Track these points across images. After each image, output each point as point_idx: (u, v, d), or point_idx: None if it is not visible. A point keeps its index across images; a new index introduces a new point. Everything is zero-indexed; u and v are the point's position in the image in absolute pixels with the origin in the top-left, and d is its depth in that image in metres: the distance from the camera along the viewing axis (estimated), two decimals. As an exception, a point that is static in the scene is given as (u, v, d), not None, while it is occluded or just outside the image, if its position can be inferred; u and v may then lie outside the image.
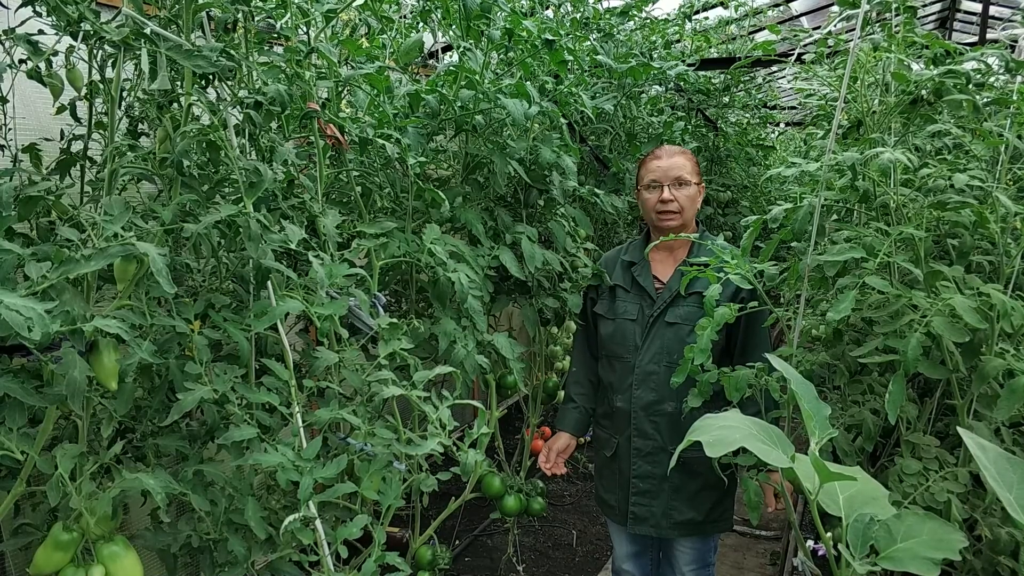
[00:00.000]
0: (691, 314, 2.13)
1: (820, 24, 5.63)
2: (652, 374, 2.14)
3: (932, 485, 1.49)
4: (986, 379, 1.43)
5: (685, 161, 2.15)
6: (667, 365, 2.12)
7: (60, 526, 1.25)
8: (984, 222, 1.53)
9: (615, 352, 2.22)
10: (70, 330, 1.02)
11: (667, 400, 2.12)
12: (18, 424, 1.13)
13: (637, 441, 2.17)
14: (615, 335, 2.22)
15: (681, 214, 2.14)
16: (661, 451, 2.15)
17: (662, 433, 2.15)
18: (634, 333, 2.18)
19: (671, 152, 2.17)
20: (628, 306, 2.22)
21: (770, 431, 0.98)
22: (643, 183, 2.19)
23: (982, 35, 4.57)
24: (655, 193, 2.14)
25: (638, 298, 2.21)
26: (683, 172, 2.12)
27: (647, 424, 2.16)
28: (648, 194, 2.17)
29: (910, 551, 0.89)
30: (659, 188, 2.13)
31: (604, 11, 2.90)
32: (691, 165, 2.16)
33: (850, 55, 1.65)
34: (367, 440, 1.48)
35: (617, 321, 2.22)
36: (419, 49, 2.09)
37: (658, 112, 3.68)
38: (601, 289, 2.32)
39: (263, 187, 1.31)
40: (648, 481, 2.18)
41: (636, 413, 2.17)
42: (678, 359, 2.02)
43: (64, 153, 1.57)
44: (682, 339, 2.10)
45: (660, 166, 2.14)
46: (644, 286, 2.19)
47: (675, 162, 2.14)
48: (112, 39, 1.14)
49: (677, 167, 2.13)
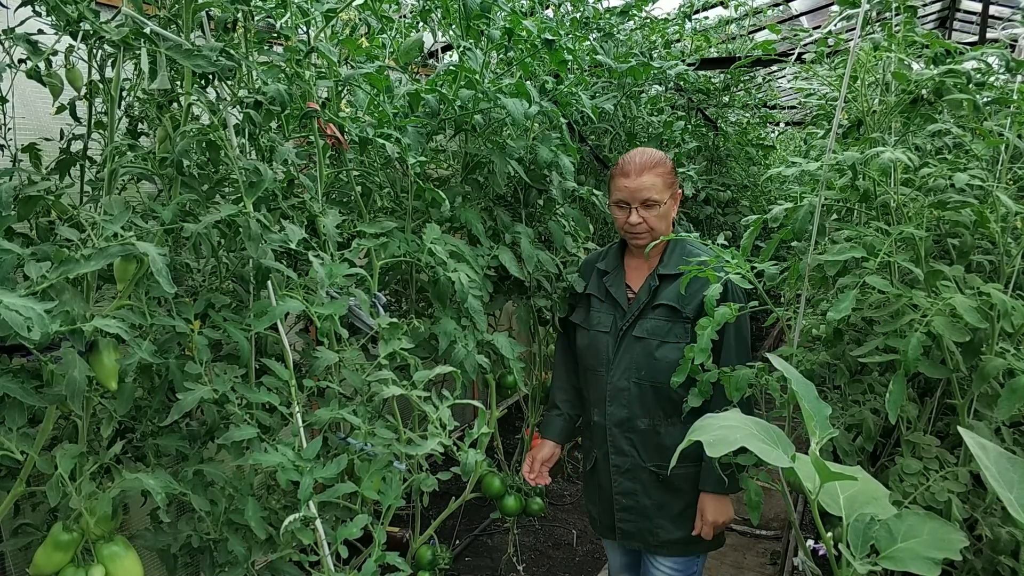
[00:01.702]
0: (658, 328, 2.00)
1: (820, 24, 5.63)
2: (623, 390, 2.04)
3: (932, 485, 1.49)
4: (987, 379, 1.43)
5: (654, 179, 1.97)
6: (636, 382, 2.01)
7: (60, 526, 1.25)
8: (984, 221, 1.53)
9: (590, 365, 2.13)
10: (70, 330, 1.02)
11: (640, 417, 2.03)
12: (18, 424, 1.13)
13: (615, 458, 2.09)
14: (590, 347, 2.12)
15: (651, 233, 2.00)
16: (639, 468, 2.06)
17: (638, 449, 2.06)
18: (607, 346, 2.07)
19: (640, 168, 1.98)
20: (602, 317, 2.11)
21: (770, 431, 0.98)
22: (612, 198, 2.06)
23: (982, 34, 4.57)
24: (624, 213, 2.02)
25: (611, 309, 2.10)
26: (651, 193, 1.96)
27: (623, 441, 2.07)
28: (617, 212, 2.05)
29: (911, 551, 0.89)
30: (627, 209, 2.00)
31: (604, 11, 2.90)
32: (661, 181, 1.98)
33: (850, 55, 1.65)
34: (367, 440, 1.48)
35: (591, 333, 2.12)
36: (419, 49, 2.08)
37: (658, 112, 3.68)
38: (579, 296, 2.22)
39: (263, 187, 1.30)
40: (630, 498, 2.10)
41: (611, 430, 2.08)
42: (647, 376, 1.99)
43: (64, 153, 1.56)
44: (650, 354, 1.99)
45: (628, 186, 1.98)
46: (616, 297, 2.09)
47: (643, 182, 1.96)
48: (112, 39, 1.14)
49: (645, 188, 1.96)
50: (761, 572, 3.31)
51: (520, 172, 2.12)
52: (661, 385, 1.97)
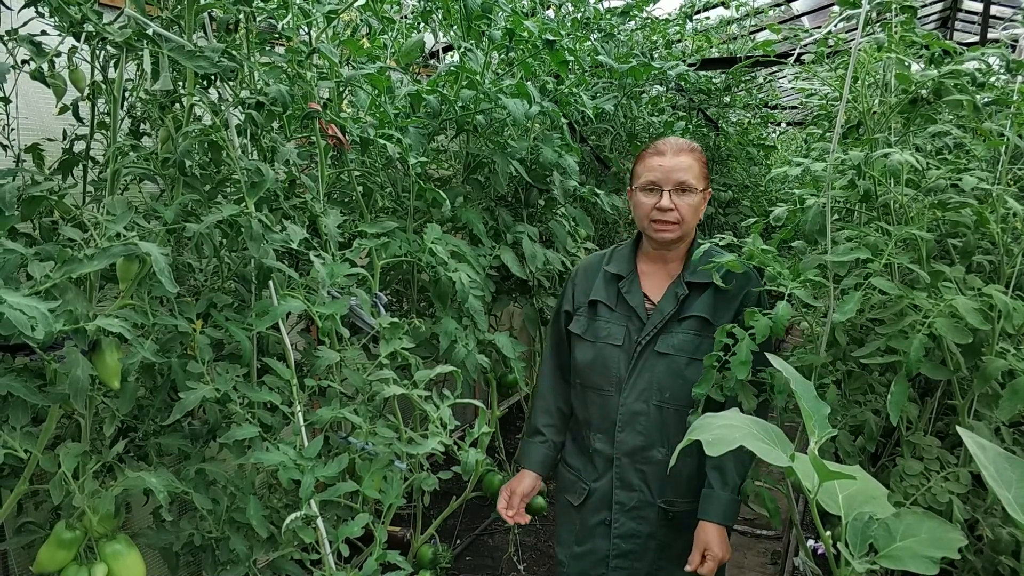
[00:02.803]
0: (687, 343, 1.74)
1: (821, 24, 5.62)
2: (640, 414, 1.76)
3: (934, 485, 1.49)
4: (988, 379, 1.43)
5: (693, 162, 1.74)
6: (657, 404, 1.75)
7: (63, 524, 1.25)
8: (984, 222, 1.53)
9: (595, 383, 1.82)
10: (73, 329, 1.02)
11: (657, 445, 1.76)
12: (21, 423, 1.14)
13: (620, 494, 1.79)
14: (595, 363, 1.82)
15: (680, 225, 1.74)
16: (648, 506, 1.79)
17: (649, 484, 1.78)
18: (618, 363, 1.79)
19: (677, 148, 1.75)
20: (613, 328, 1.81)
21: (770, 430, 0.98)
22: (639, 182, 1.78)
23: (983, 35, 4.56)
24: (652, 198, 1.74)
25: (624, 320, 1.81)
26: (689, 176, 1.72)
27: (632, 474, 1.78)
28: (644, 197, 1.76)
29: (909, 550, 0.89)
30: (658, 192, 1.73)
31: (605, 11, 2.90)
32: (699, 167, 1.76)
33: (852, 55, 1.65)
34: (368, 439, 1.49)
35: (598, 346, 1.81)
36: (420, 49, 2.09)
37: (659, 112, 3.68)
38: (578, 302, 1.89)
39: (265, 187, 1.31)
40: (632, 541, 1.80)
41: (620, 460, 1.79)
42: (672, 398, 1.74)
43: (67, 153, 1.57)
44: (677, 373, 1.74)
45: (662, 165, 1.72)
46: (633, 306, 1.80)
47: (680, 162, 1.72)
48: (115, 40, 1.15)
49: (682, 168, 1.72)
50: (762, 572, 3.32)
51: (522, 172, 2.13)
52: (686, 409, 1.73)
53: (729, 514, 1.70)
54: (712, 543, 1.68)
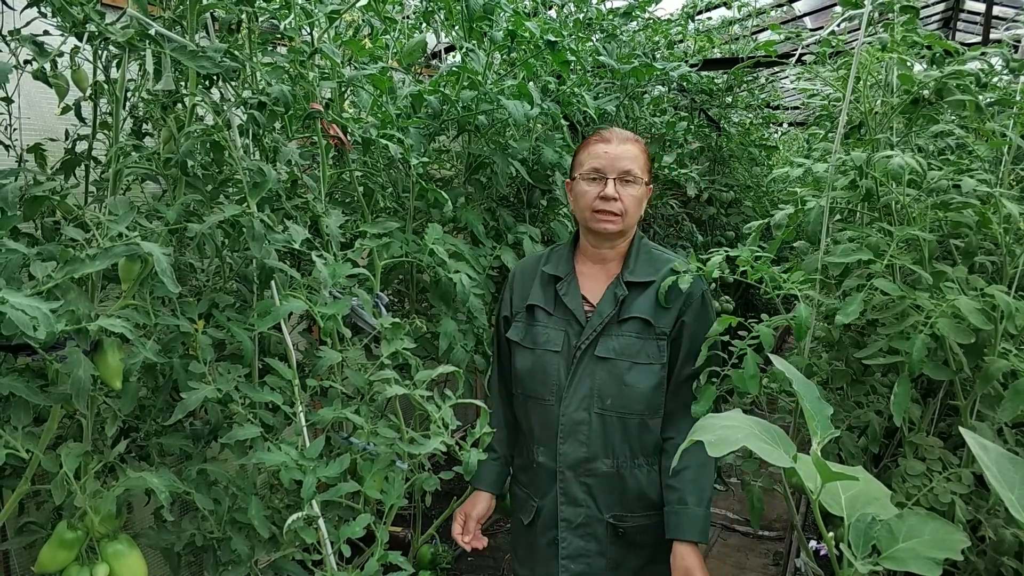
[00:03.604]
0: (628, 347, 1.65)
1: (823, 24, 5.61)
2: (581, 424, 1.66)
3: (936, 486, 1.49)
4: (990, 380, 1.43)
5: (638, 152, 1.67)
6: (599, 413, 1.65)
7: (64, 524, 1.25)
8: (987, 223, 1.53)
9: (535, 392, 1.72)
10: (75, 329, 1.02)
11: (601, 456, 1.66)
12: (23, 423, 1.14)
13: (565, 510, 1.69)
14: (534, 371, 1.72)
15: (623, 217, 1.66)
16: (596, 521, 1.68)
17: (596, 498, 1.68)
18: (558, 369, 1.69)
19: (623, 136, 1.68)
20: (551, 333, 1.71)
21: (772, 431, 0.98)
22: (582, 170, 1.68)
23: (986, 35, 4.56)
24: (596, 186, 1.65)
25: (563, 324, 1.71)
26: (634, 166, 1.64)
27: (577, 488, 1.68)
28: (587, 186, 1.66)
29: (912, 551, 0.89)
30: (602, 181, 1.64)
31: (607, 12, 2.90)
32: (644, 158, 1.68)
33: (855, 56, 1.65)
34: (370, 439, 1.48)
35: (537, 352, 1.72)
36: (422, 50, 2.09)
37: (661, 112, 3.68)
38: (516, 307, 1.80)
39: (267, 187, 1.31)
40: (581, 561, 1.69)
41: (563, 473, 1.69)
42: (614, 405, 1.65)
43: (69, 153, 1.57)
44: (618, 378, 1.64)
45: (608, 152, 1.64)
46: (571, 309, 1.70)
47: (627, 150, 1.64)
48: (117, 40, 1.15)
49: (628, 157, 1.64)
50: (764, 573, 3.31)
51: (523, 173, 2.13)
52: (630, 417, 1.65)
53: (706, 531, 1.61)
54: (694, 568, 1.56)
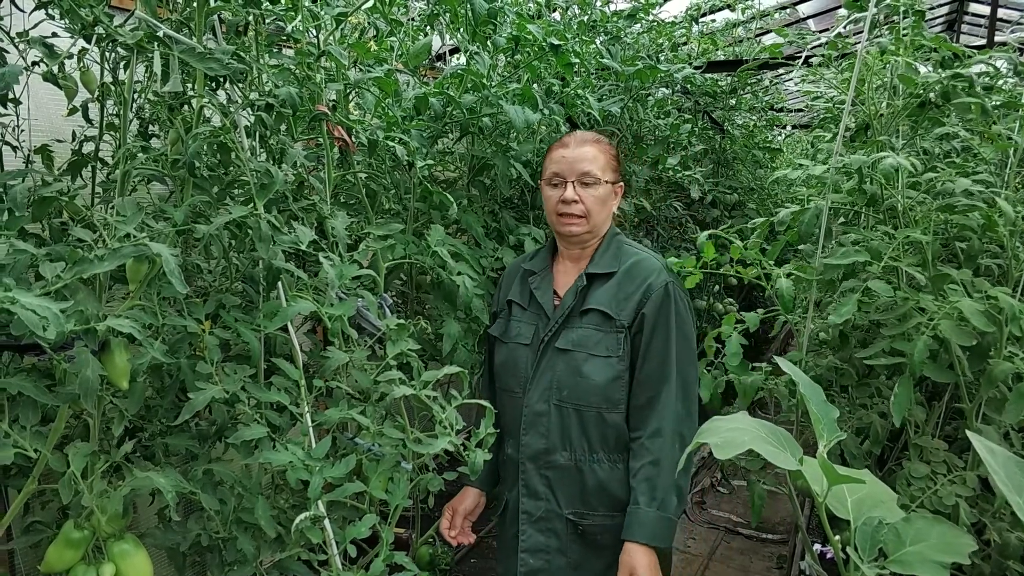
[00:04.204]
0: (586, 339, 1.65)
1: (827, 27, 5.62)
2: (542, 415, 1.67)
3: (940, 489, 1.49)
4: (994, 383, 1.43)
5: (597, 152, 1.69)
6: (557, 404, 1.66)
7: (71, 524, 1.26)
8: (992, 225, 1.53)
9: (506, 385, 1.77)
10: (84, 329, 1.03)
11: (559, 449, 1.66)
12: (31, 422, 1.14)
13: (526, 502, 1.69)
14: (507, 364, 1.76)
15: (587, 218, 1.69)
16: (555, 516, 1.67)
17: (555, 491, 1.67)
18: (526, 362, 1.72)
19: (581, 139, 1.71)
20: (523, 327, 1.75)
21: (778, 433, 0.98)
22: (545, 176, 1.74)
23: (990, 38, 4.55)
24: (557, 191, 1.70)
25: (535, 317, 1.74)
26: (593, 167, 1.67)
27: (537, 480, 1.68)
28: (549, 191, 1.72)
29: (919, 555, 0.89)
30: (562, 185, 1.69)
31: (611, 14, 2.90)
32: (605, 158, 1.70)
33: (858, 58, 1.65)
34: (376, 440, 1.49)
35: (510, 346, 1.76)
36: (427, 52, 2.10)
37: (664, 114, 3.68)
38: (500, 304, 1.86)
39: (274, 189, 1.31)
40: (540, 557, 1.67)
41: (524, 465, 1.70)
42: (570, 397, 1.65)
43: (76, 154, 1.58)
44: (575, 370, 1.65)
45: (565, 156, 1.69)
46: (542, 303, 1.73)
47: (584, 152, 1.68)
48: (126, 42, 1.15)
49: (586, 159, 1.67)
50: (767, 576, 3.31)
51: (525, 175, 2.13)
52: (586, 409, 1.65)
53: (659, 534, 1.53)
54: (638, 567, 1.52)
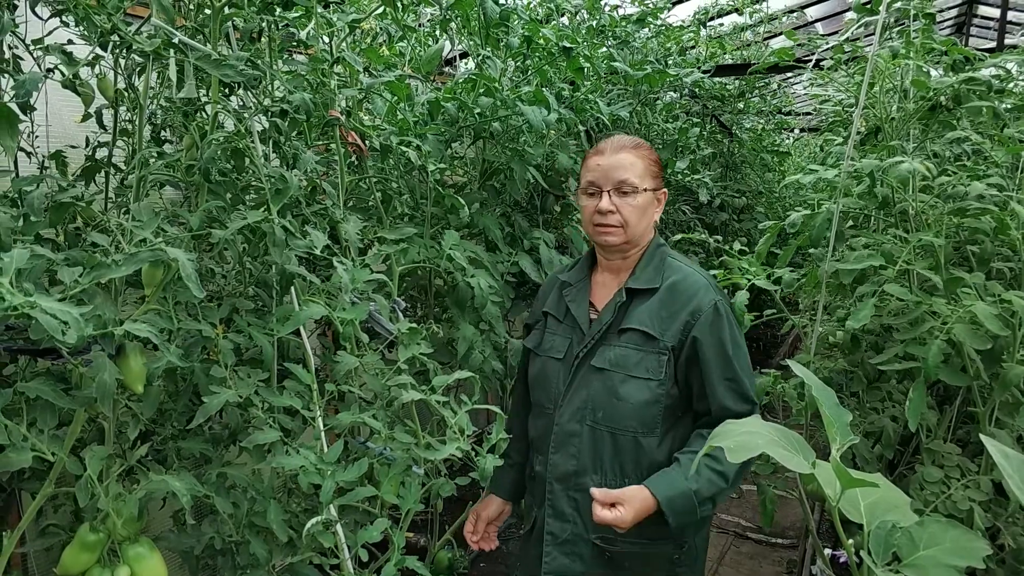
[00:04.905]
0: (624, 358, 1.54)
1: (835, 30, 5.61)
2: (573, 436, 1.58)
3: (954, 493, 1.48)
4: (1008, 386, 1.42)
5: (635, 159, 1.57)
6: (591, 425, 1.56)
7: (87, 527, 1.26)
8: (1005, 229, 1.53)
9: (538, 400, 1.69)
10: (101, 333, 1.04)
11: (590, 472, 1.56)
12: (49, 426, 1.15)
13: (552, 523, 1.61)
14: (539, 378, 1.68)
15: (624, 229, 1.57)
16: (581, 540, 1.58)
17: (583, 515, 1.57)
18: (558, 377, 1.63)
19: (617, 146, 1.59)
20: (556, 340, 1.66)
21: (791, 437, 0.98)
22: (581, 185, 1.64)
23: (1000, 40, 4.53)
24: (593, 200, 1.59)
25: (569, 331, 1.65)
26: (629, 174, 1.55)
27: (564, 502, 1.60)
28: (585, 200, 1.62)
29: (933, 559, 0.89)
30: (598, 194, 1.58)
31: (620, 18, 2.91)
32: (643, 164, 1.58)
33: (869, 62, 1.65)
34: (387, 444, 1.49)
35: (543, 359, 1.67)
36: (439, 57, 2.11)
37: (673, 118, 3.68)
38: (536, 315, 1.77)
39: (288, 194, 1.32)
40: None
41: (552, 485, 1.61)
42: (604, 419, 1.55)
43: (89, 160, 1.59)
44: (611, 391, 1.54)
45: (600, 164, 1.58)
46: (576, 316, 1.64)
47: (620, 160, 1.56)
48: (144, 49, 1.17)
49: (622, 167, 1.55)
50: (777, 580, 3.29)
51: (538, 178, 2.14)
52: (622, 433, 1.54)
53: (673, 499, 1.43)
54: (629, 501, 1.42)
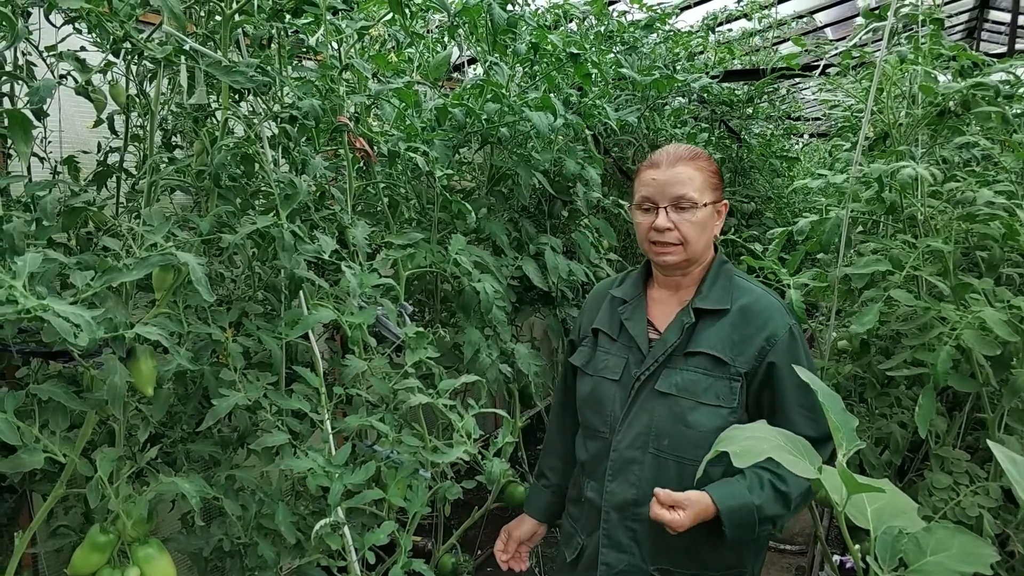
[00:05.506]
0: (693, 384, 1.46)
1: (844, 35, 5.60)
2: (633, 463, 1.49)
3: (963, 499, 1.47)
4: (1017, 392, 1.41)
5: (694, 172, 1.48)
6: (654, 453, 1.47)
7: (97, 528, 1.28)
8: (1014, 234, 1.52)
9: (590, 422, 1.59)
10: (112, 337, 1.05)
11: (651, 500, 1.42)
12: (60, 428, 1.17)
13: (607, 553, 1.52)
14: (591, 399, 1.59)
15: (684, 247, 1.48)
16: (639, 571, 1.49)
17: (640, 546, 1.49)
18: (614, 400, 1.53)
19: (674, 158, 1.49)
20: (611, 360, 1.56)
21: (797, 442, 0.98)
22: (635, 200, 1.55)
23: (1011, 45, 4.51)
24: (649, 217, 1.50)
25: (625, 351, 1.55)
26: (688, 188, 1.46)
27: (621, 532, 1.50)
28: (641, 216, 1.52)
29: (940, 565, 0.88)
30: (654, 211, 1.49)
31: (628, 24, 2.92)
32: (702, 177, 1.49)
33: (877, 67, 1.65)
34: (394, 447, 1.50)
35: (595, 380, 1.58)
36: (447, 64, 2.13)
37: (681, 123, 3.68)
38: (583, 331, 1.67)
39: (298, 199, 1.34)
40: None
41: (608, 514, 1.52)
42: (671, 447, 1.46)
43: (100, 165, 1.61)
44: (679, 418, 1.45)
45: (656, 179, 1.48)
46: (634, 335, 1.54)
47: (678, 174, 1.47)
48: (155, 56, 1.18)
49: (680, 181, 1.46)
50: (785, 587, 3.28)
51: (545, 184, 2.15)
52: (689, 463, 1.44)
53: (734, 509, 1.36)
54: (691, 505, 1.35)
